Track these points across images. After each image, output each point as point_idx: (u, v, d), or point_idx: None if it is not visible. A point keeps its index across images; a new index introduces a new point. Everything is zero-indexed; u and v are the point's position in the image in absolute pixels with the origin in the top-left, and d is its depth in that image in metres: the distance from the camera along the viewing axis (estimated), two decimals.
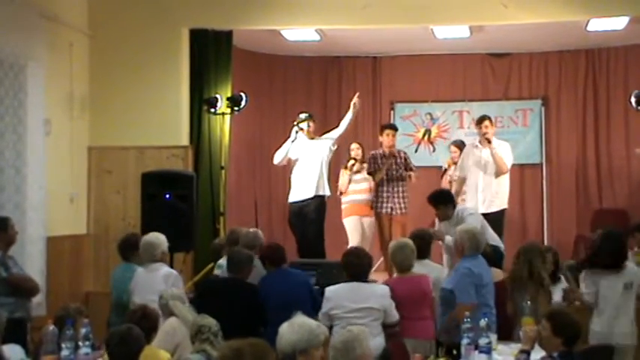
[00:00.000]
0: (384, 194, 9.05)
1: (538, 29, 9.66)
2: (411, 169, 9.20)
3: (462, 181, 9.18)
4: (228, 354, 3.40)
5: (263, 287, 6.30)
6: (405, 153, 9.41)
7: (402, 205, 9.03)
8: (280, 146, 9.26)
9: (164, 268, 6.62)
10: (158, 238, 6.75)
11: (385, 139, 9.22)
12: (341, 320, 5.73)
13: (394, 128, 9.49)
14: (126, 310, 6.56)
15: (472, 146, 9.28)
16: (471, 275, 6.01)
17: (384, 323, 5.91)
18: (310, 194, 8.94)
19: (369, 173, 9.31)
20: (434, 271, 6.58)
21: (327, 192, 9.07)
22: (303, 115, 9.28)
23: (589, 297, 5.99)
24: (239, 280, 6.27)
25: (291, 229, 9.24)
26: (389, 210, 9.01)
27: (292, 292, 6.14)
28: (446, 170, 10.24)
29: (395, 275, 6.34)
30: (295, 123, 9.20)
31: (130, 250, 6.96)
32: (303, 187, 8.99)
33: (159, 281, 6.42)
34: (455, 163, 9.81)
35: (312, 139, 9.16)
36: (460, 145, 9.98)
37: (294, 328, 3.85)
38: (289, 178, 9.32)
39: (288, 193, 9.24)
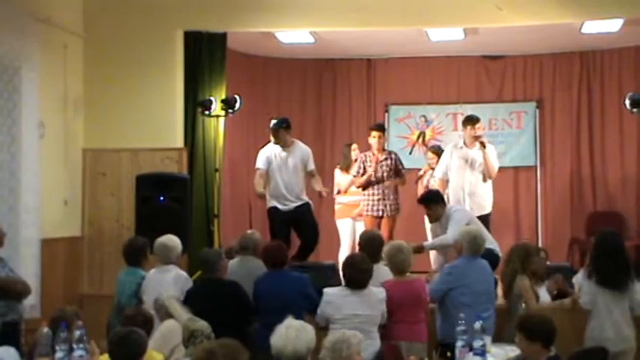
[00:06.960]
0: (375, 197, 8.92)
1: (532, 32, 9.66)
2: (398, 175, 8.98)
3: (444, 184, 8.88)
4: (201, 355, 3.44)
5: (258, 288, 6.22)
6: (395, 155, 9.13)
7: (393, 207, 8.92)
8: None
9: (175, 270, 6.62)
10: (173, 241, 6.75)
11: (372, 141, 8.98)
12: (338, 323, 5.71)
13: (378, 129, 9.13)
14: None
15: (454, 147, 8.95)
16: (449, 274, 6.29)
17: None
18: (301, 201, 8.50)
19: (354, 175, 9.07)
20: (386, 274, 6.32)
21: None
22: (274, 123, 8.44)
23: (586, 303, 5.96)
24: (217, 279, 6.22)
25: (277, 235, 8.31)
26: (380, 212, 8.90)
27: (288, 295, 6.05)
28: (421, 176, 9.95)
29: (392, 278, 6.22)
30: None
31: (135, 254, 6.87)
32: (290, 194, 8.44)
33: (169, 283, 6.42)
34: (432, 169, 9.60)
35: (289, 146, 8.45)
36: (438, 150, 9.77)
37: (304, 328, 3.96)
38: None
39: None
